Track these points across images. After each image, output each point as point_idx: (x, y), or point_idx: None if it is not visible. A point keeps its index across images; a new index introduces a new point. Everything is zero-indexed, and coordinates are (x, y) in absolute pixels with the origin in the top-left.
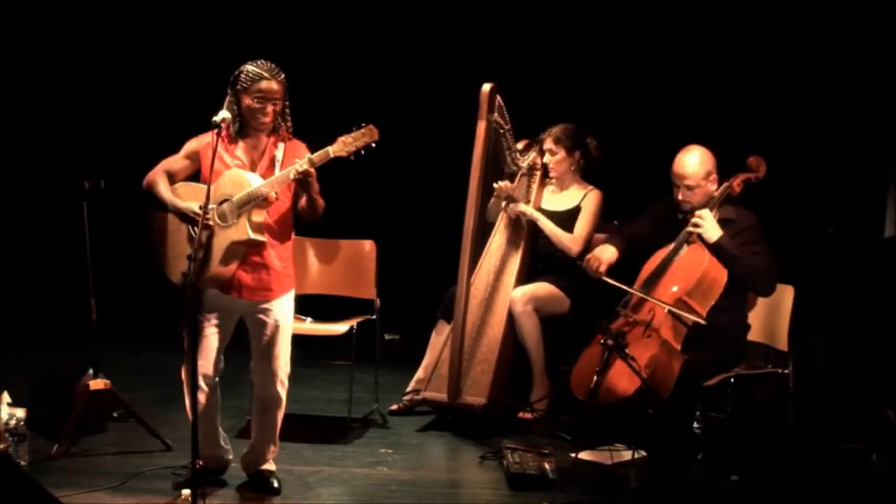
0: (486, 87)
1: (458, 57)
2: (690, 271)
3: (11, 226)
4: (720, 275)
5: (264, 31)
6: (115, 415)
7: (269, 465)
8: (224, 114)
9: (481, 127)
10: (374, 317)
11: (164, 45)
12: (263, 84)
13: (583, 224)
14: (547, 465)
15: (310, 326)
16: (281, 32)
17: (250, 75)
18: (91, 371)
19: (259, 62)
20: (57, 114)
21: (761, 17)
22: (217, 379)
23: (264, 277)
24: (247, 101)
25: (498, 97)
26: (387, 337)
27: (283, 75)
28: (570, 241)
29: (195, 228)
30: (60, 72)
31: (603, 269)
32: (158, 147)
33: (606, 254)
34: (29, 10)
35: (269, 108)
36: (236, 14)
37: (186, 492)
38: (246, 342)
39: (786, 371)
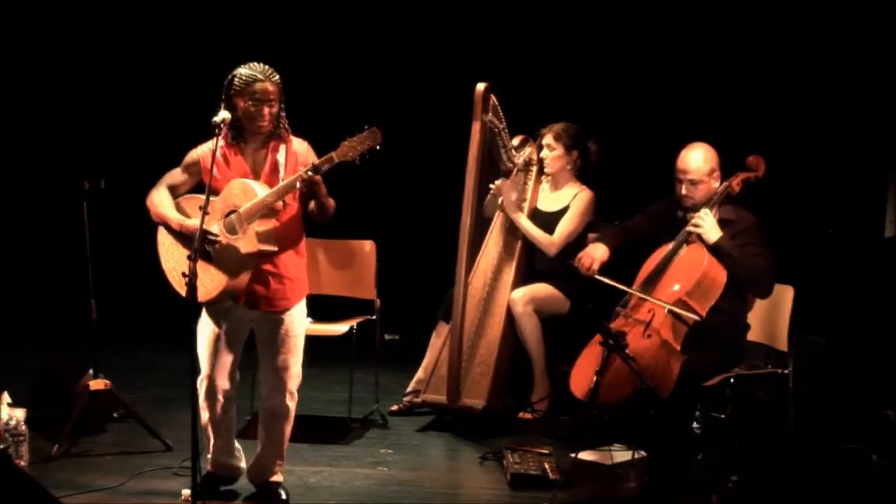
0: (480, 87)
1: (459, 56)
2: (690, 271)
3: (12, 226)
4: (720, 275)
5: (264, 32)
6: (115, 415)
7: (277, 477)
8: (224, 114)
9: (476, 128)
10: (374, 317)
11: (164, 46)
12: (258, 86)
13: (565, 224)
14: (547, 465)
15: (310, 326)
16: (280, 33)
17: (244, 78)
18: (91, 371)
19: (252, 65)
20: (57, 114)
21: (762, 16)
22: (234, 392)
23: (279, 287)
24: (242, 104)
25: (492, 96)
26: (387, 337)
27: (277, 77)
28: (548, 242)
29: (207, 245)
30: (60, 72)
31: (595, 267)
32: (158, 147)
33: (598, 252)
34: (29, 10)
35: (266, 111)
36: (236, 14)
37: (186, 492)
38: (250, 343)
39: (786, 371)
